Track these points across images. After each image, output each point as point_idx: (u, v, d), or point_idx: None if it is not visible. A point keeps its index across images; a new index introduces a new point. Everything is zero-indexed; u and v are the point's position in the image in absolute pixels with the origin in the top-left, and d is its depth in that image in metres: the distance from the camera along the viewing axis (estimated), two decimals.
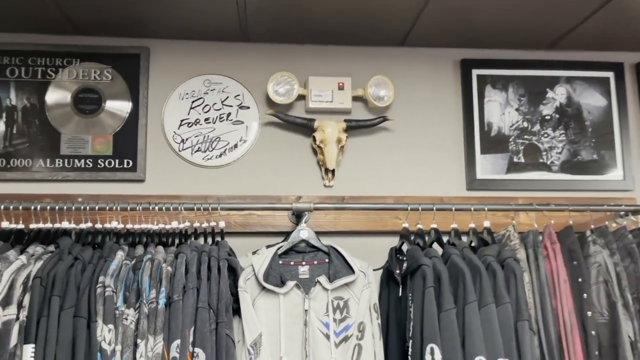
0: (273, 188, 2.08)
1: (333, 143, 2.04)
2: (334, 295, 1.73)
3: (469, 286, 1.59)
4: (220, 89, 2.10)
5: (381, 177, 2.15)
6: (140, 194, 2.00)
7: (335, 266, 1.76)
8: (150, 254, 1.59)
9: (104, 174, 1.99)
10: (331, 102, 2.09)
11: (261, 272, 1.70)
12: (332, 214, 2.05)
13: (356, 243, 2.04)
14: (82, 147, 2.00)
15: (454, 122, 2.22)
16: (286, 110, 2.12)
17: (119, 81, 2.05)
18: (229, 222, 1.98)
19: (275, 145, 2.11)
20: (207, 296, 1.49)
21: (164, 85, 2.09)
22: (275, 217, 2.02)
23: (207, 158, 2.06)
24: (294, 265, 1.78)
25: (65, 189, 1.98)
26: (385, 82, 2.12)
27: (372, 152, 2.16)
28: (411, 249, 1.76)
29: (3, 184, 1.96)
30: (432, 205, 1.84)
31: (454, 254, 1.69)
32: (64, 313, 1.43)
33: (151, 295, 1.48)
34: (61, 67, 2.03)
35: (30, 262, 1.53)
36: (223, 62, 2.13)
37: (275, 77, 2.05)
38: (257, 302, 1.70)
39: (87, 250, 1.57)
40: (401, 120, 2.18)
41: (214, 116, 2.08)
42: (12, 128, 1.98)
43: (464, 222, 1.88)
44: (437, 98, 2.22)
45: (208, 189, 2.05)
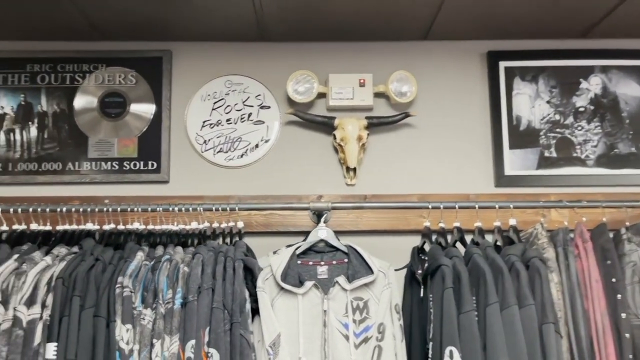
0: (294, 187, 2.07)
1: (354, 141, 2.01)
2: (353, 295, 1.71)
3: (490, 287, 1.54)
4: (241, 90, 2.11)
5: (404, 174, 2.10)
6: (164, 195, 2.03)
7: (354, 266, 1.73)
8: (168, 254, 1.61)
9: (130, 175, 2.04)
10: (352, 100, 2.06)
11: (279, 272, 1.69)
12: (354, 213, 2.02)
13: (379, 242, 2.01)
14: (109, 150, 2.05)
15: (481, 117, 2.15)
16: (307, 108, 2.10)
17: (142, 84, 2.09)
18: (250, 222, 1.98)
19: (296, 144, 2.10)
20: (222, 296, 1.50)
21: (186, 87, 2.11)
22: (296, 217, 2.01)
23: (229, 158, 2.07)
24: (313, 266, 1.77)
25: (92, 191, 2.04)
26: (408, 77, 2.07)
27: (395, 149, 2.12)
28: (432, 248, 1.72)
29: (35, 187, 2.03)
30: (455, 204, 1.78)
31: (475, 254, 1.64)
32: (84, 313, 1.47)
33: (168, 296, 1.50)
34: (88, 72, 2.08)
35: (55, 263, 1.58)
36: (243, 62, 2.13)
37: (294, 76, 2.04)
38: (276, 303, 1.70)
39: (107, 251, 1.61)
40: (424, 116, 2.13)
41: (235, 117, 2.09)
42: (44, 133, 2.05)
43: (491, 220, 1.82)
44: (462, 92, 2.15)
45: (230, 189, 2.06)
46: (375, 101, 2.12)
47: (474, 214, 1.79)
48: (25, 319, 1.47)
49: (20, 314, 1.47)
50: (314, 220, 1.99)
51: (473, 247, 1.67)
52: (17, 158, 2.03)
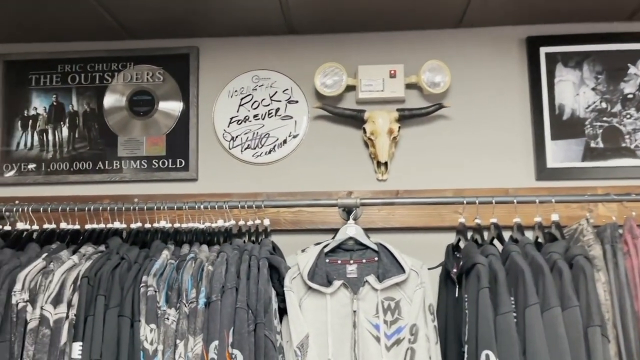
0: (324, 183, 2.01)
1: (384, 134, 1.94)
2: (384, 295, 1.64)
3: (530, 287, 1.44)
4: (268, 84, 2.06)
5: (439, 169, 2.01)
6: (192, 193, 2.01)
7: (384, 265, 1.66)
8: (193, 253, 1.59)
9: (158, 174, 2.03)
10: (382, 92, 1.99)
11: (306, 271, 1.64)
12: (386, 210, 1.95)
13: (412, 240, 1.93)
14: (138, 148, 2.04)
15: (520, 107, 2.03)
16: (336, 102, 2.04)
17: (170, 81, 2.07)
18: (278, 219, 1.94)
19: (325, 139, 2.04)
20: (246, 296, 1.45)
21: (213, 83, 2.09)
22: (326, 214, 1.95)
23: (256, 155, 2.03)
24: (342, 264, 1.71)
25: (122, 190, 2.03)
26: (441, 66, 1.98)
27: (428, 142, 2.03)
28: (466, 246, 1.63)
29: (67, 186, 2.05)
30: (491, 198, 1.68)
31: (514, 252, 1.54)
32: (109, 312, 1.46)
33: (191, 295, 1.47)
34: (116, 71, 2.09)
35: (81, 262, 1.57)
36: (270, 56, 2.09)
37: (322, 69, 1.98)
38: (304, 302, 1.64)
39: (133, 249, 1.59)
40: (459, 107, 2.03)
41: (262, 112, 2.05)
42: (75, 133, 2.07)
43: (531, 216, 1.71)
44: (499, 81, 2.04)
45: (258, 186, 2.02)
46: (407, 93, 2.03)
47: (512, 210, 1.69)
48: (52, 318, 1.47)
49: (47, 313, 1.47)
50: (343, 217, 1.92)
51: (511, 245, 1.57)
52: (49, 158, 2.06)
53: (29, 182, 2.04)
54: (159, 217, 1.75)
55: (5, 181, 2.05)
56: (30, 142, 2.07)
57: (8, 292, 1.50)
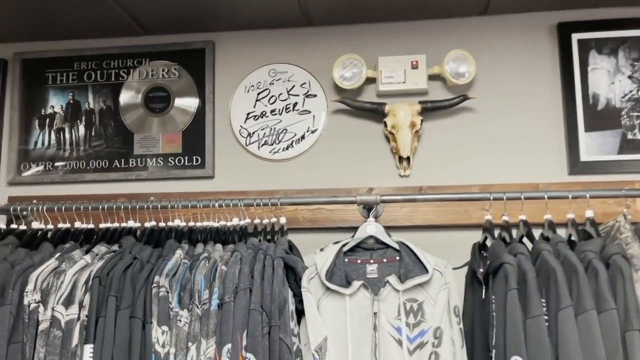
0: (344, 180, 1.94)
1: (406, 128, 1.85)
2: (406, 297, 1.56)
3: (563, 288, 1.34)
4: (285, 78, 2.00)
5: (464, 164, 1.92)
6: (209, 190, 1.96)
7: (406, 265, 1.58)
8: (207, 252, 1.53)
9: (174, 171, 1.99)
10: (404, 83, 1.90)
11: (324, 271, 1.57)
12: (408, 207, 1.86)
13: (436, 238, 1.85)
14: (154, 146, 2.01)
15: (551, 97, 1.92)
16: (355, 95, 1.97)
17: (185, 77, 2.03)
18: (296, 217, 1.88)
19: (345, 134, 1.97)
20: (259, 297, 1.39)
21: (230, 78, 2.03)
22: (345, 212, 1.88)
23: (274, 151, 1.97)
24: (361, 264, 1.63)
25: (138, 189, 2.00)
26: (465, 56, 1.88)
27: (453, 136, 1.93)
28: (493, 244, 1.53)
29: (83, 185, 2.03)
30: (520, 194, 1.58)
31: (544, 250, 1.44)
32: (120, 313, 1.41)
33: (204, 296, 1.42)
34: (132, 67, 2.05)
35: (94, 262, 1.54)
36: (288, 49, 2.03)
37: (340, 61, 1.91)
38: (322, 304, 1.58)
39: (145, 249, 1.55)
40: (485, 98, 1.93)
41: (279, 107, 1.99)
42: (91, 131, 2.04)
43: (564, 213, 1.60)
44: (528, 71, 1.93)
45: (276, 184, 1.96)
46: (430, 84, 1.94)
47: (543, 206, 1.59)
48: (63, 319, 1.43)
49: (59, 314, 1.43)
50: (364, 215, 1.84)
51: (542, 243, 1.47)
52: (66, 157, 2.04)
53: (46, 181, 2.03)
54: (173, 216, 1.71)
55: (23, 180, 2.04)
56: (47, 141, 2.05)
57: (20, 292, 1.47)
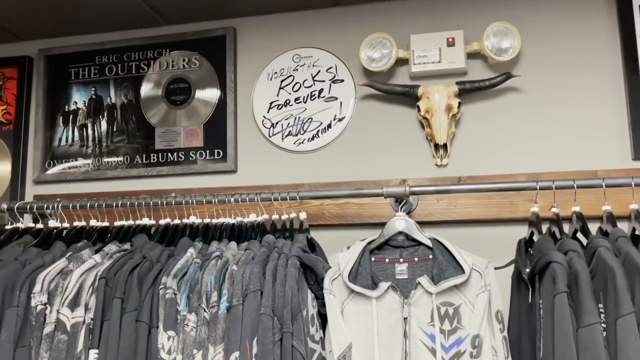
0: (375, 172, 1.78)
1: (441, 112, 1.67)
2: (441, 300, 1.38)
3: (623, 292, 1.12)
4: (310, 63, 1.86)
5: (509, 151, 1.71)
6: (231, 185, 1.86)
7: (440, 264, 1.40)
8: (219, 251, 1.42)
9: (195, 166, 1.89)
10: (439, 63, 1.72)
11: (347, 271, 1.42)
12: (446, 200, 1.68)
13: (478, 234, 1.66)
14: (175, 139, 1.92)
15: (610, 72, 1.68)
16: (386, 79, 1.80)
17: (206, 67, 1.93)
18: (322, 213, 1.74)
19: (375, 121, 1.81)
20: (271, 301, 1.26)
21: (252, 66, 1.91)
22: (376, 207, 1.72)
23: (298, 142, 1.83)
24: (390, 263, 1.47)
25: (160, 185, 1.92)
26: (508, 29, 1.67)
27: (496, 120, 1.73)
28: (539, 240, 1.33)
29: (105, 182, 1.97)
30: (572, 181, 1.37)
31: (602, 247, 1.22)
32: (125, 317, 1.32)
33: (213, 299, 1.30)
34: (152, 59, 1.97)
35: (103, 262, 1.45)
36: (312, 32, 1.88)
37: (368, 41, 1.75)
38: (346, 307, 1.43)
39: (156, 248, 1.45)
40: (532, 76, 1.72)
41: (304, 94, 1.85)
42: (113, 126, 1.98)
43: (627, 204, 1.38)
44: (582, 42, 1.70)
45: (301, 177, 1.83)
46: (469, 64, 1.75)
47: (601, 196, 1.37)
48: (69, 322, 1.36)
49: (64, 317, 1.36)
50: (396, 209, 1.68)
51: (599, 239, 1.26)
52: (89, 153, 1.98)
53: (69, 179, 1.98)
54: (189, 213, 1.60)
55: (47, 179, 2.00)
56: (71, 138, 2.00)
57: (28, 294, 1.40)
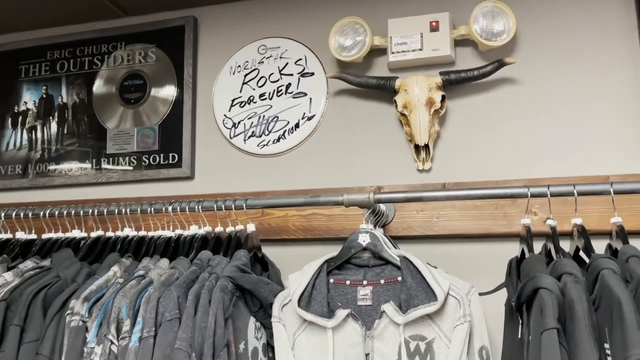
0: (349, 178, 1.54)
1: (421, 107, 1.42)
2: (410, 333, 1.12)
3: (631, 330, 0.85)
4: (277, 55, 1.63)
5: (503, 152, 1.45)
6: (186, 193, 1.63)
7: (408, 288, 1.14)
8: (144, 269, 1.19)
9: (148, 172, 1.67)
10: (420, 51, 1.47)
11: (297, 295, 1.17)
12: (427, 210, 1.43)
13: (466, 252, 1.41)
14: (128, 142, 1.71)
15: (622, 60, 1.41)
16: (362, 70, 1.56)
17: (163, 61, 1.72)
18: (286, 225, 1.50)
19: (350, 120, 1.57)
20: (190, 332, 1.02)
21: (213, 59, 1.70)
22: (348, 219, 1.47)
23: (262, 144, 1.60)
24: (351, 286, 1.22)
25: (109, 193, 1.71)
26: (501, 9, 1.42)
27: (488, 117, 1.47)
28: (529, 260, 1.07)
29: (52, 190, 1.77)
30: (572, 187, 1.10)
31: (606, 269, 0.95)
32: (24, 348, 1.10)
33: (124, 328, 1.07)
34: (107, 53, 1.78)
35: (14, 280, 1.24)
36: (280, 21, 1.66)
37: (338, 26, 1.52)
38: (298, 339, 1.18)
39: (73, 265, 1.24)
40: (530, 64, 1.46)
41: (270, 90, 1.62)
42: (63, 128, 1.79)
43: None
44: (590, 24, 1.44)
45: (265, 184, 1.60)
46: (458, 52, 1.50)
47: (611, 206, 1.10)
48: None
49: None
50: (371, 221, 1.43)
51: (603, 259, 0.98)
52: (37, 158, 1.79)
53: (14, 187, 1.79)
54: (146, 224, 1.38)
55: None
56: (19, 142, 1.82)
57: None
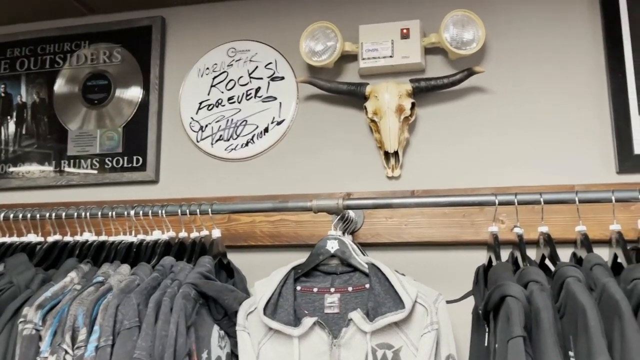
0: (318, 184, 1.52)
1: (392, 114, 1.41)
2: (377, 341, 1.11)
3: (596, 338, 0.85)
4: (247, 58, 1.61)
5: (473, 161, 1.45)
6: (151, 198, 1.59)
7: (376, 295, 1.13)
8: (103, 275, 1.14)
9: (111, 175, 1.62)
10: (391, 58, 1.47)
11: (262, 303, 1.14)
12: (396, 218, 1.42)
13: (434, 259, 1.40)
14: (90, 144, 1.66)
15: (591, 69, 1.43)
16: (333, 76, 1.55)
17: (129, 61, 1.67)
18: (253, 231, 1.47)
19: (320, 126, 1.55)
20: (149, 341, 0.98)
21: (181, 61, 1.66)
22: (316, 225, 1.45)
23: (230, 148, 1.57)
24: (318, 294, 1.19)
25: (69, 196, 1.65)
26: (470, 18, 1.43)
27: (457, 124, 1.48)
28: (496, 268, 1.06)
29: (8, 193, 1.70)
30: (539, 195, 1.11)
31: (571, 277, 0.95)
32: None
33: (80, 337, 1.02)
34: (70, 52, 1.72)
35: None
36: (251, 23, 1.64)
37: (309, 31, 1.50)
38: (263, 348, 1.15)
39: (28, 271, 1.18)
40: (499, 73, 1.47)
41: (239, 93, 1.59)
42: (22, 128, 1.72)
43: (607, 223, 1.12)
44: (558, 35, 1.46)
45: (232, 189, 1.56)
46: (428, 60, 1.51)
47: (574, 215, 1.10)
48: None
49: None
50: (341, 228, 1.41)
51: (568, 267, 0.99)
52: None
53: None
54: (107, 229, 1.32)
55: None
56: None
57: None
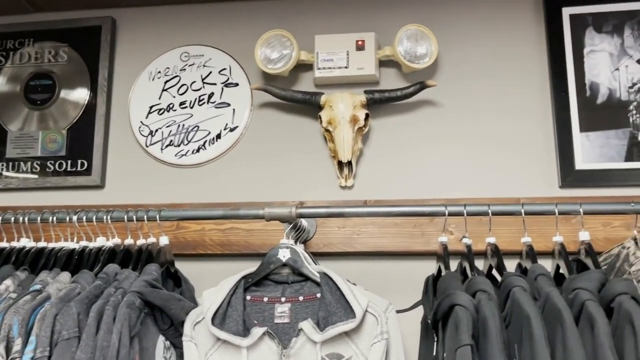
0: (271, 191, 1.50)
1: (346, 124, 1.42)
2: (327, 351, 1.10)
3: (540, 346, 0.87)
4: (200, 63, 1.58)
5: (424, 172, 1.47)
6: (96, 203, 1.53)
7: (327, 305, 1.12)
8: (41, 283, 1.09)
9: (53, 179, 1.55)
10: (346, 69, 1.48)
11: (211, 313, 1.11)
12: (348, 227, 1.42)
13: (385, 269, 1.42)
14: (31, 147, 1.58)
15: (536, 87, 1.49)
16: (289, 85, 1.54)
17: (76, 61, 1.62)
18: (202, 240, 1.44)
19: (274, 133, 1.54)
20: (90, 352, 0.93)
21: (132, 63, 1.62)
22: (268, 234, 1.43)
23: (181, 154, 1.54)
24: (268, 303, 1.18)
25: (6, 201, 1.57)
26: (424, 33, 1.46)
27: (409, 136, 1.50)
28: (445, 278, 1.08)
29: None
30: (487, 207, 1.14)
31: (517, 287, 0.98)
32: None
33: (15, 348, 0.97)
34: (12, 50, 1.65)
35: None
36: (205, 28, 1.62)
37: (265, 39, 1.49)
38: (211, 359, 1.12)
39: None
40: (450, 88, 1.50)
41: (191, 99, 1.56)
42: None
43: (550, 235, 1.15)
44: (506, 53, 1.51)
45: (182, 195, 1.53)
46: (382, 72, 1.53)
47: (521, 227, 1.14)
48: None
49: None
50: (293, 237, 1.40)
51: (514, 277, 1.01)
52: None
53: None
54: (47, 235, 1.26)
55: None
56: None
57: None
